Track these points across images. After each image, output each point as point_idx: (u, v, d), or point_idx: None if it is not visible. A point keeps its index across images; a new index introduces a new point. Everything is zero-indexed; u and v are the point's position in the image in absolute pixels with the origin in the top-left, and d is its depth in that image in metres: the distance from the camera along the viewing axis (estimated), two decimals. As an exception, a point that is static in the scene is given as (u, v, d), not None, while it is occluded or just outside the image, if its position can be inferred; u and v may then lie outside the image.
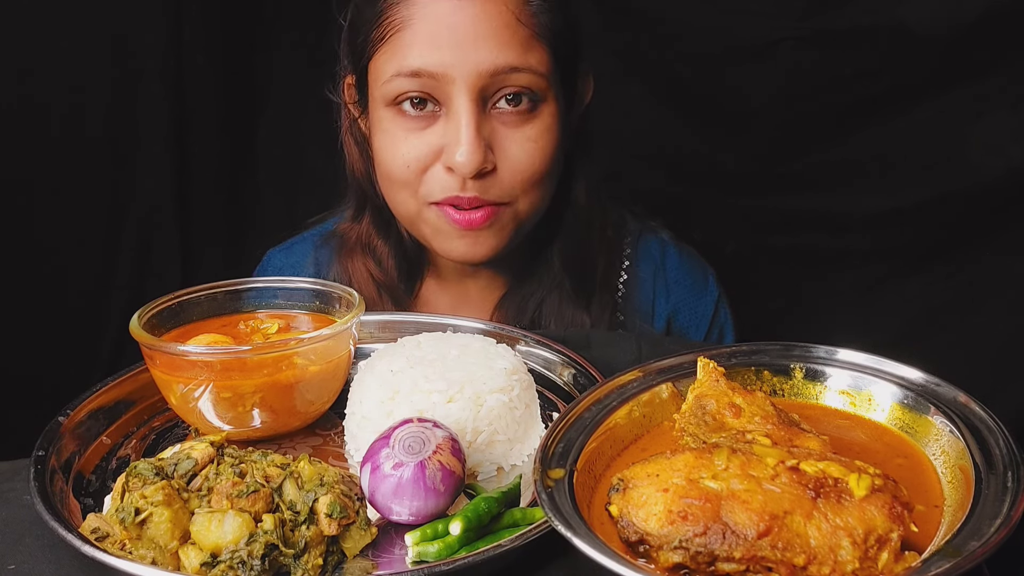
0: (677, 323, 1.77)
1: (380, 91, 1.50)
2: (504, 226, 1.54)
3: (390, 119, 1.50)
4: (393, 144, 1.50)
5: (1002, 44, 2.01)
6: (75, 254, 2.21)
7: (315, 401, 1.29)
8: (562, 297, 1.67)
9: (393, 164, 1.51)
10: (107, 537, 0.97)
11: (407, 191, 1.52)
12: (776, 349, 1.19)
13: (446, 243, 1.55)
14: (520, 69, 1.44)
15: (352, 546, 1.02)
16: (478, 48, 1.42)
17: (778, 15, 2.13)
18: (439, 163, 1.48)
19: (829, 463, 0.88)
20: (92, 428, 1.25)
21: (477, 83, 1.43)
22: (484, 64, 1.42)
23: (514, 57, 1.44)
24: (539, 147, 1.50)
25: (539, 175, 1.51)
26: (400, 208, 1.58)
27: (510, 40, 1.43)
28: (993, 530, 0.83)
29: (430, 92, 1.45)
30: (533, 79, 1.46)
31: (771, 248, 2.30)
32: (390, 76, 1.46)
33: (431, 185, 1.50)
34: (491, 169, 1.47)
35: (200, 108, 2.28)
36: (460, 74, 1.42)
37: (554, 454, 1.00)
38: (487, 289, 1.73)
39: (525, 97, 1.47)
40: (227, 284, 1.40)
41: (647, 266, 1.77)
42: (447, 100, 1.45)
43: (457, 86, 1.43)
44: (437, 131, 1.47)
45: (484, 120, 1.46)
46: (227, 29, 2.29)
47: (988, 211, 2.10)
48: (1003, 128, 2.04)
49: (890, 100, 2.12)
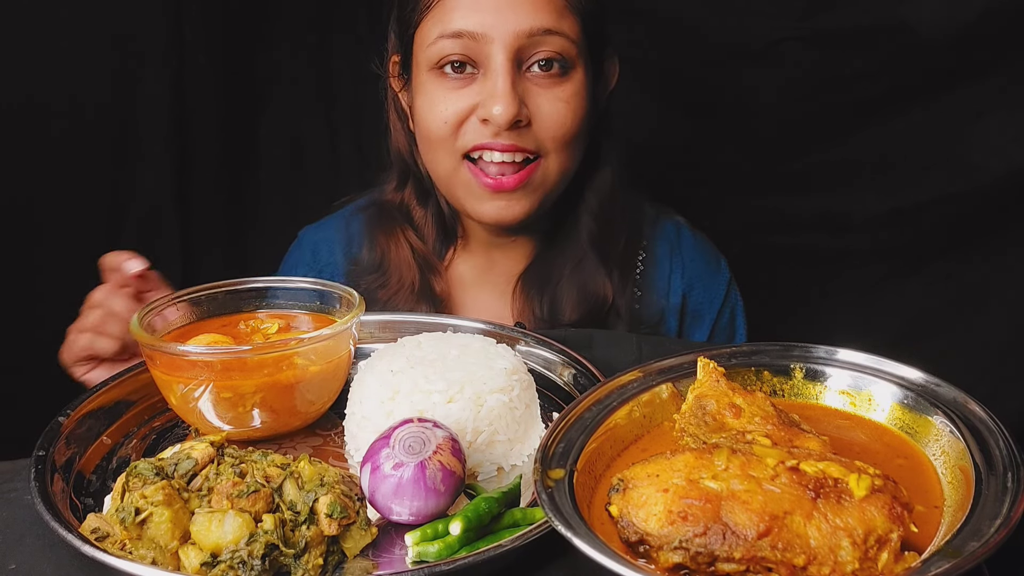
0: (692, 298, 1.82)
1: (425, 55, 1.57)
2: (535, 189, 1.60)
3: (432, 81, 1.58)
4: (432, 104, 1.58)
5: (1002, 44, 2.01)
6: (75, 254, 2.21)
7: (315, 401, 1.29)
8: (585, 267, 1.72)
9: (432, 122, 1.58)
10: (107, 537, 0.98)
11: (444, 148, 1.59)
12: (776, 349, 1.19)
13: (478, 204, 1.61)
14: (554, 32, 1.53)
15: (352, 546, 1.02)
16: (516, 11, 1.51)
17: (778, 15, 2.12)
18: (474, 116, 1.55)
19: (829, 463, 0.88)
20: (92, 428, 1.25)
21: (514, 43, 1.51)
22: (521, 25, 1.51)
23: (549, 20, 1.53)
24: (570, 107, 1.58)
25: (570, 134, 1.59)
26: (438, 168, 1.64)
27: (545, 5, 1.53)
28: (993, 530, 0.83)
29: (470, 54, 1.54)
30: (565, 44, 1.55)
31: (771, 248, 2.30)
32: (435, 38, 1.55)
33: (465, 136, 1.57)
34: (525, 124, 1.54)
35: (200, 108, 2.28)
36: (499, 34, 1.51)
37: (554, 454, 1.00)
38: (513, 259, 1.78)
39: (556, 64, 1.55)
40: (227, 284, 1.40)
41: (663, 245, 1.83)
42: (485, 60, 1.53)
43: (495, 46, 1.51)
44: (474, 89, 1.55)
45: (519, 79, 1.54)
46: (227, 29, 2.29)
47: (988, 211, 2.10)
48: (1003, 128, 2.03)
49: (890, 100, 2.12)
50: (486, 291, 1.78)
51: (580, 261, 1.72)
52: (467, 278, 1.79)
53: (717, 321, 1.82)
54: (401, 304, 1.71)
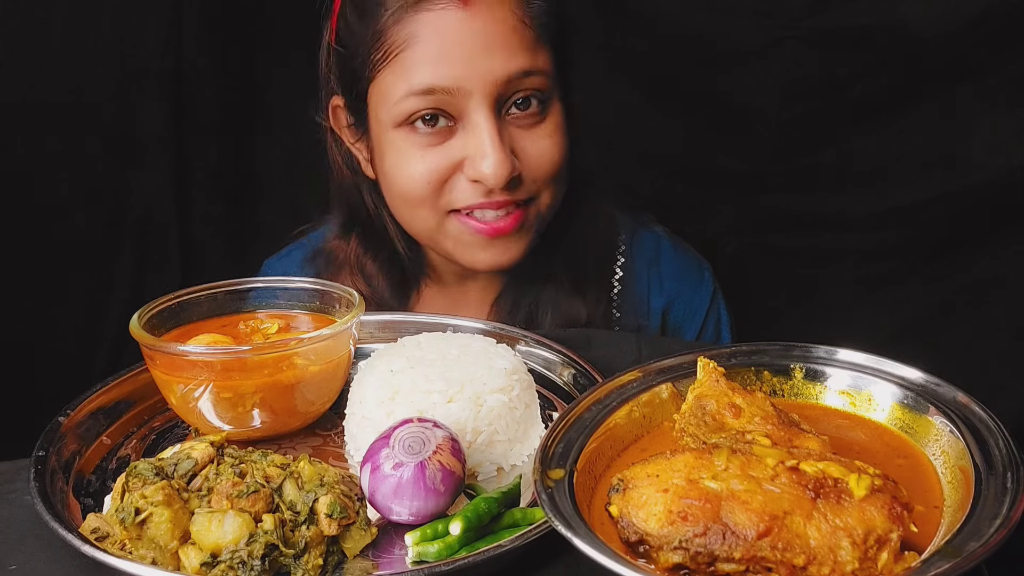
0: (671, 317, 1.77)
1: (389, 113, 1.47)
2: (529, 227, 1.55)
3: (402, 139, 1.48)
4: (408, 163, 1.48)
5: (1002, 44, 2.00)
6: (75, 254, 2.21)
7: (315, 401, 1.29)
8: (558, 290, 1.67)
9: (410, 182, 1.49)
10: (107, 537, 0.98)
11: (426, 207, 1.51)
12: (776, 349, 1.19)
13: (471, 254, 1.54)
14: (532, 72, 1.45)
15: (352, 546, 1.02)
16: (490, 57, 1.41)
17: (778, 15, 2.12)
18: (460, 174, 1.47)
19: (829, 463, 0.88)
20: (92, 428, 1.25)
21: (493, 92, 1.43)
22: (498, 72, 1.42)
23: (525, 61, 1.44)
24: (555, 142, 1.51)
25: (558, 169, 1.53)
26: (418, 225, 1.56)
27: (519, 45, 1.43)
28: (993, 530, 0.83)
29: (444, 108, 1.44)
30: (542, 80, 1.47)
31: (771, 248, 2.30)
32: (400, 96, 1.44)
33: (453, 195, 1.49)
34: (517, 175, 1.47)
35: (200, 109, 2.28)
36: (475, 86, 1.41)
37: (554, 454, 1.00)
38: (485, 288, 1.73)
39: (534, 99, 1.47)
40: (227, 284, 1.40)
41: (642, 261, 1.77)
42: (463, 113, 1.44)
43: (474, 99, 1.42)
44: (455, 144, 1.46)
45: (502, 128, 1.46)
46: (227, 30, 2.29)
47: (988, 211, 2.10)
48: (1003, 128, 2.03)
49: (889, 100, 2.12)
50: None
51: (553, 282, 1.66)
52: (439, 310, 1.73)
53: (699, 336, 1.78)
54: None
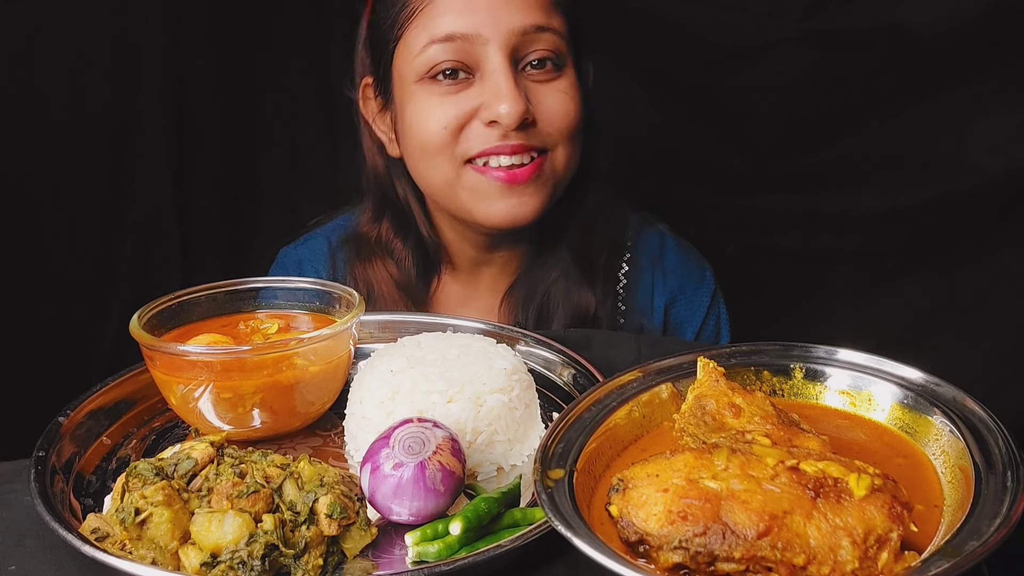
0: (673, 312, 1.80)
1: (412, 67, 1.54)
2: (545, 182, 1.58)
3: (424, 90, 1.54)
4: (428, 111, 1.54)
5: (1002, 44, 2.01)
6: (75, 254, 2.21)
7: (315, 401, 1.29)
8: (569, 282, 1.70)
9: (429, 130, 1.54)
10: (107, 537, 0.98)
11: (443, 155, 1.55)
12: (776, 349, 1.19)
13: (488, 206, 1.57)
14: (547, 28, 1.53)
15: (352, 546, 1.02)
16: (508, 9, 1.50)
17: (778, 15, 2.13)
18: (476, 121, 1.52)
19: (829, 463, 0.88)
20: (92, 429, 1.25)
21: (510, 42, 1.50)
22: (515, 23, 1.50)
23: (540, 17, 1.52)
24: (570, 98, 1.57)
25: (574, 125, 1.58)
26: (436, 178, 1.59)
27: (535, 3, 1.52)
28: (993, 530, 0.83)
29: (463, 59, 1.51)
30: (557, 41, 1.55)
31: (771, 248, 2.30)
32: (423, 45, 1.52)
33: (470, 140, 1.53)
34: (531, 121, 1.52)
35: (200, 110, 2.28)
36: (493, 34, 1.49)
37: (554, 454, 1.00)
38: (499, 275, 1.76)
39: (550, 62, 1.55)
40: (227, 284, 1.40)
41: (646, 258, 1.80)
42: (481, 62, 1.51)
43: (491, 46, 1.50)
44: (472, 93, 1.52)
45: (518, 78, 1.52)
46: (227, 30, 2.29)
47: (988, 211, 2.10)
48: (1003, 128, 2.03)
49: (890, 100, 2.12)
50: (472, 309, 1.76)
51: (563, 274, 1.70)
52: (454, 298, 1.77)
53: (700, 333, 1.80)
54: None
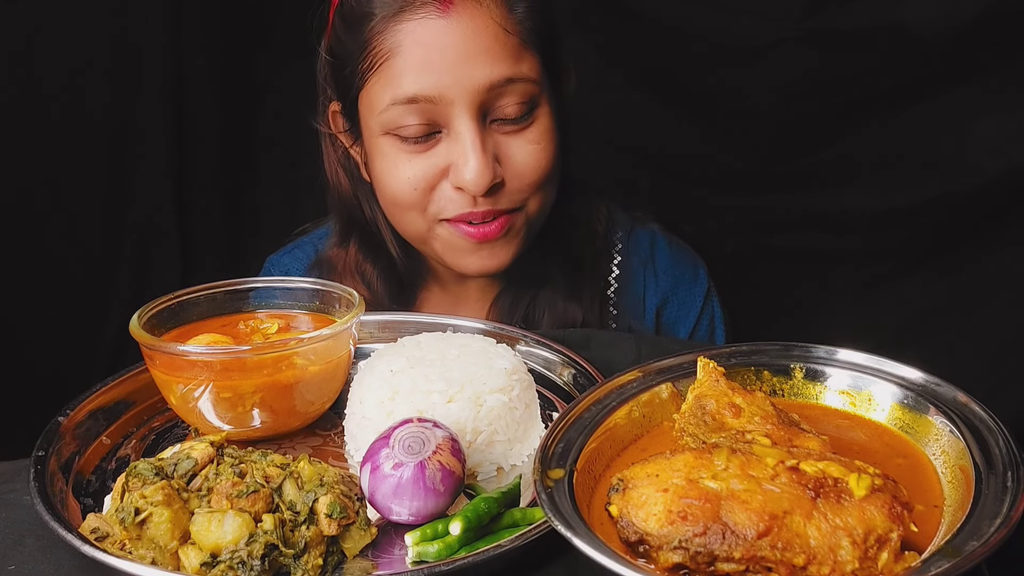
0: (666, 313, 1.78)
1: (376, 121, 1.49)
2: (517, 232, 1.56)
3: (389, 145, 1.50)
4: (396, 168, 1.50)
5: (1002, 44, 2.00)
6: (75, 254, 2.21)
7: (315, 401, 1.29)
8: (554, 291, 1.68)
9: (399, 188, 1.51)
10: (107, 537, 0.98)
11: (415, 212, 1.53)
12: (776, 349, 1.19)
13: (461, 259, 1.56)
14: (515, 79, 1.45)
15: (352, 546, 1.02)
16: (472, 65, 1.42)
17: (778, 15, 2.12)
18: (446, 181, 1.49)
19: (829, 463, 0.88)
20: (92, 428, 1.25)
21: (476, 100, 1.43)
22: (480, 80, 1.42)
23: (507, 68, 1.44)
24: (541, 148, 1.51)
25: (545, 176, 1.53)
26: (409, 229, 1.58)
27: (501, 52, 1.44)
28: (993, 530, 0.83)
29: (429, 116, 1.45)
30: (527, 87, 1.47)
31: (770, 248, 2.29)
32: (386, 105, 1.46)
33: (442, 204, 1.50)
34: (500, 182, 1.48)
35: (199, 110, 2.28)
36: (458, 94, 1.42)
37: (554, 454, 1.00)
38: (484, 289, 1.74)
39: (520, 106, 1.47)
40: (227, 284, 1.40)
41: (637, 258, 1.78)
42: (447, 121, 1.46)
43: (457, 106, 1.43)
44: (441, 151, 1.48)
45: (487, 135, 1.47)
46: (227, 30, 2.29)
47: (988, 211, 2.10)
48: (1003, 128, 2.03)
49: (890, 100, 2.12)
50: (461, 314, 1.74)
51: (549, 285, 1.68)
52: (440, 309, 1.75)
53: (694, 333, 1.79)
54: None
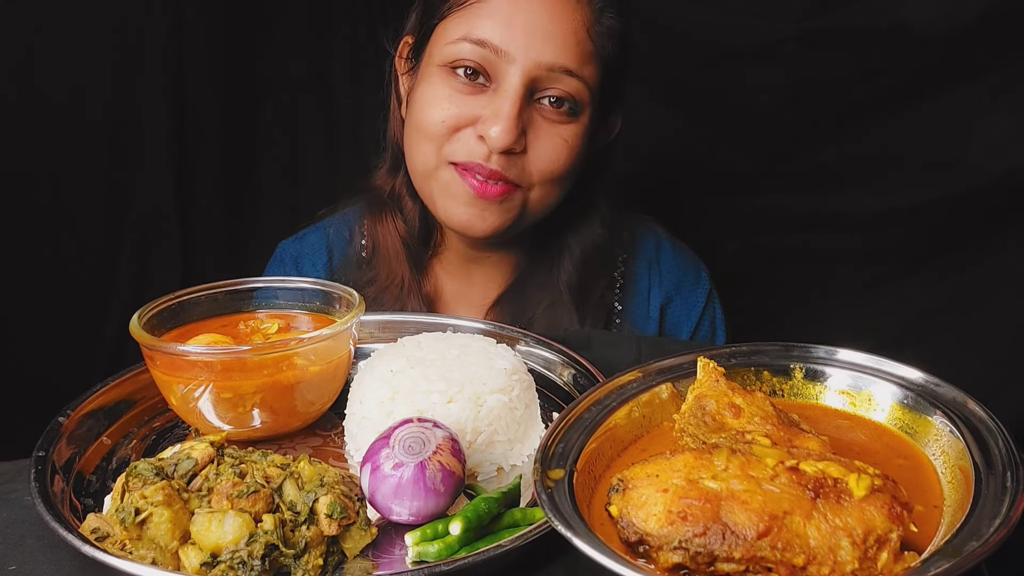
0: (669, 313, 1.81)
1: (441, 51, 1.54)
2: (512, 208, 1.57)
3: (441, 77, 1.54)
4: (436, 99, 1.54)
5: (1002, 44, 2.01)
6: (75, 254, 2.21)
7: (315, 401, 1.29)
8: (559, 308, 1.70)
9: (429, 117, 1.54)
10: (107, 537, 0.98)
11: (432, 145, 1.56)
12: (776, 349, 1.19)
13: (452, 206, 1.57)
14: (574, 74, 1.51)
15: (352, 546, 1.02)
16: (545, 41, 1.49)
17: (778, 15, 2.13)
18: (472, 128, 1.52)
19: (829, 463, 0.88)
20: (92, 428, 1.25)
21: (533, 71, 1.49)
22: (545, 56, 1.49)
23: (572, 61, 1.51)
24: (568, 147, 1.55)
25: (560, 172, 1.57)
26: (417, 160, 1.60)
27: (575, 47, 1.51)
28: (992, 530, 0.83)
29: (487, 66, 1.51)
30: (580, 88, 1.53)
31: (771, 248, 2.30)
32: (457, 38, 1.52)
33: (457, 146, 1.53)
34: (519, 151, 1.52)
35: (200, 110, 2.28)
36: (521, 58, 1.48)
37: (554, 454, 1.00)
38: (491, 277, 1.76)
39: (568, 103, 1.53)
40: (227, 284, 1.40)
41: (643, 263, 1.81)
42: (500, 77, 1.50)
43: (515, 66, 1.49)
44: (481, 101, 1.52)
45: (527, 107, 1.52)
46: (228, 30, 2.29)
47: (988, 211, 2.10)
48: (1003, 128, 2.03)
49: (890, 100, 2.12)
50: (463, 308, 1.77)
51: (555, 302, 1.70)
52: (446, 293, 1.77)
53: (695, 333, 1.81)
54: (389, 303, 1.69)
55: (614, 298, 1.77)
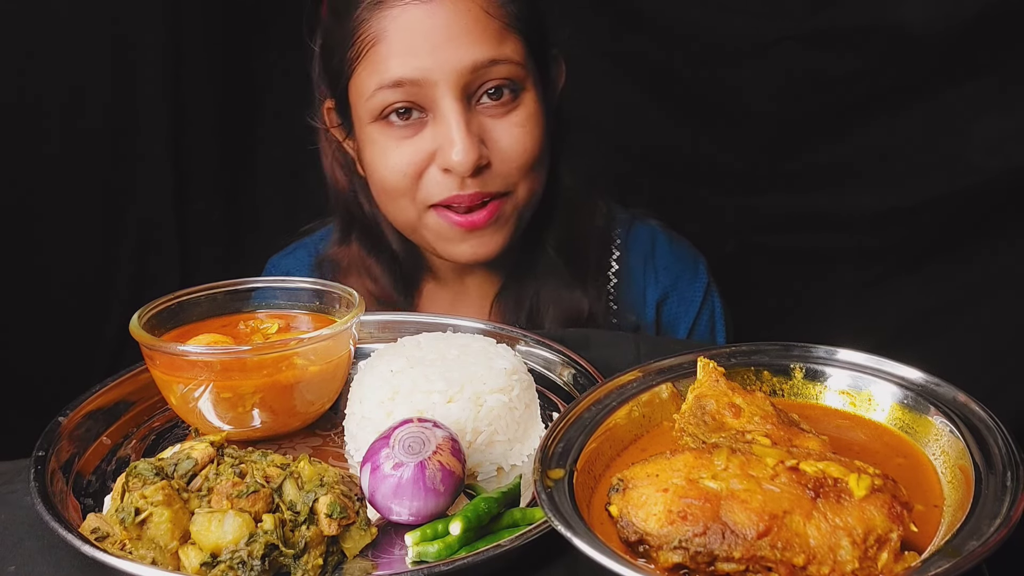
0: (666, 308, 1.79)
1: (365, 108, 1.51)
2: (507, 220, 1.56)
3: (379, 132, 1.52)
4: (384, 155, 1.52)
5: (1000, 44, 2.01)
6: (75, 254, 2.21)
7: (315, 401, 1.29)
8: (558, 283, 1.69)
9: (388, 174, 1.53)
10: (107, 537, 0.98)
11: (405, 199, 1.54)
12: (776, 349, 1.19)
13: (451, 247, 1.57)
14: (498, 61, 1.47)
15: (352, 546, 1.02)
16: (455, 48, 1.45)
17: (778, 15, 2.13)
18: (434, 166, 1.50)
19: (829, 463, 0.88)
20: (92, 428, 1.25)
21: (459, 81, 1.46)
22: (463, 62, 1.45)
23: (490, 50, 1.47)
24: (527, 131, 1.53)
25: (532, 159, 1.54)
26: (400, 217, 1.59)
27: (483, 34, 1.46)
28: (993, 530, 0.83)
29: (414, 100, 1.48)
30: (511, 69, 1.49)
31: (771, 248, 2.30)
32: (373, 91, 1.48)
33: (429, 188, 1.52)
34: (486, 164, 1.50)
35: (199, 110, 2.28)
36: (441, 76, 1.45)
37: (554, 454, 1.00)
38: (485, 284, 1.75)
39: (506, 89, 1.50)
40: (227, 284, 1.40)
41: (637, 255, 1.79)
42: (432, 104, 1.48)
43: (440, 88, 1.46)
44: (427, 136, 1.50)
45: (472, 117, 1.49)
46: (227, 30, 2.29)
47: (987, 211, 2.10)
48: (1001, 128, 2.03)
49: (890, 100, 2.12)
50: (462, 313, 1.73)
51: (552, 277, 1.69)
52: (441, 308, 1.76)
53: (694, 328, 1.80)
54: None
55: (609, 296, 1.76)
